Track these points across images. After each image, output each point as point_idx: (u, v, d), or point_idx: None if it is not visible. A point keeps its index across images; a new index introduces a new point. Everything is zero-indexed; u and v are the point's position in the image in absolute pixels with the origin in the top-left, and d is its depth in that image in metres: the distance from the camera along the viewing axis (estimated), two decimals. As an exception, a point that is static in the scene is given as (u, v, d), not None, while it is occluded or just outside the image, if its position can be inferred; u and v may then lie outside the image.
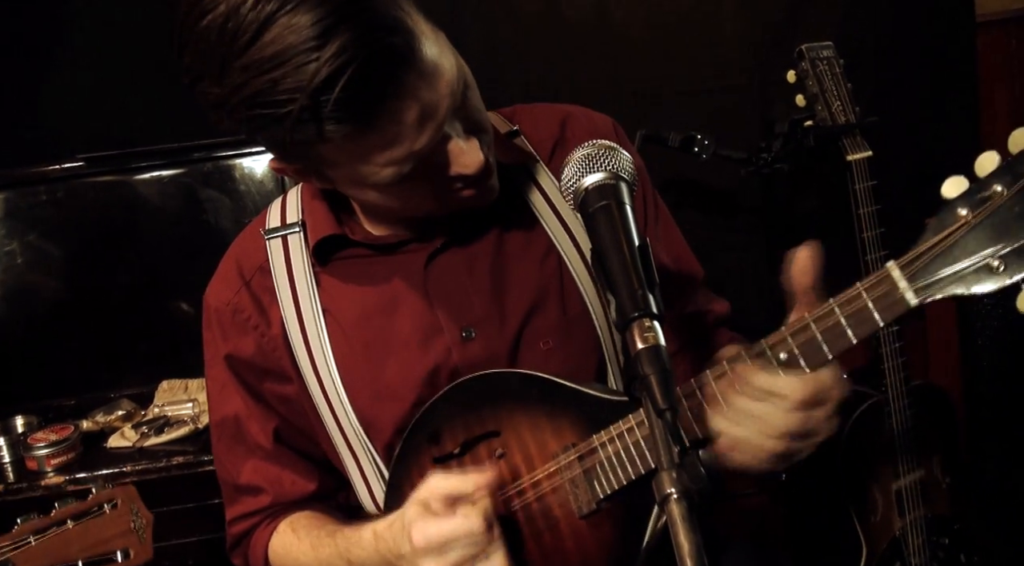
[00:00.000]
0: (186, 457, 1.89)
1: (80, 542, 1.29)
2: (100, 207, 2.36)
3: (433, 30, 1.07)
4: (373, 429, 1.30)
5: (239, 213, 2.27)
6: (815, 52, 1.90)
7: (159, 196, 2.33)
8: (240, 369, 1.32)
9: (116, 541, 1.31)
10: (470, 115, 1.15)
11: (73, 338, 2.34)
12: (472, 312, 1.28)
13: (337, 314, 1.29)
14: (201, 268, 2.23)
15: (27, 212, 2.36)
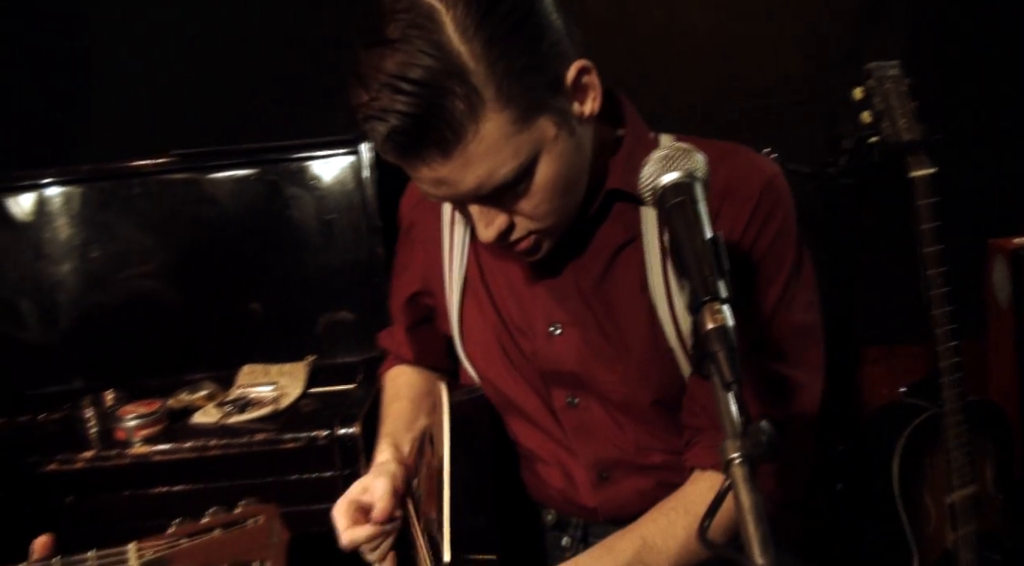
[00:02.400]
0: (267, 434, 2.01)
1: (227, 550, 1.40)
2: (189, 201, 2.49)
3: (513, 129, 1.13)
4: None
5: (321, 210, 2.39)
6: (882, 71, 1.96)
7: (244, 192, 2.45)
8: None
9: (256, 553, 1.42)
10: (515, 208, 1.23)
11: (159, 322, 2.48)
12: (567, 312, 1.39)
13: (483, 261, 1.46)
14: (282, 261, 2.38)
15: (121, 203, 2.50)
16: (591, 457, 1.45)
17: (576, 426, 1.44)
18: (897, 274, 2.32)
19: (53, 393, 2.38)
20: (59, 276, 2.48)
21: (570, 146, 1.21)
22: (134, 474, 2.01)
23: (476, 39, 1.09)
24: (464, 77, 1.08)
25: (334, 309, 2.37)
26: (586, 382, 1.40)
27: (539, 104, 1.15)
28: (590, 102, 1.22)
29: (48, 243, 2.48)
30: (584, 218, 1.33)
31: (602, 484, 1.45)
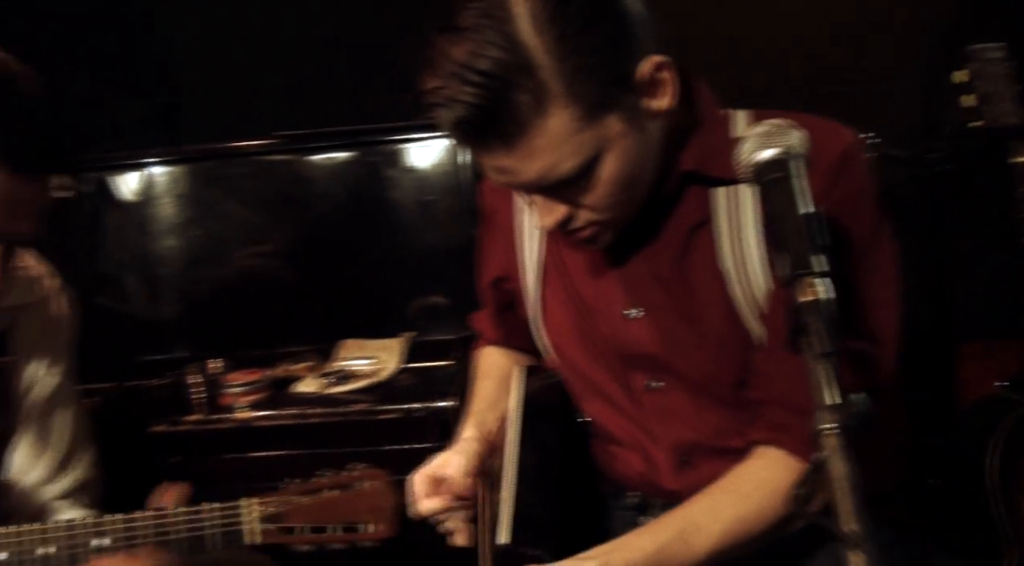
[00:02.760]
0: (365, 405, 2.08)
1: (339, 510, 1.49)
2: (290, 181, 2.58)
3: (579, 126, 1.14)
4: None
5: (419, 192, 2.46)
6: (985, 53, 1.93)
7: (345, 173, 2.53)
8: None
9: (365, 515, 1.50)
10: (576, 200, 1.24)
11: (261, 297, 2.58)
12: (644, 295, 1.39)
13: (560, 245, 1.46)
14: (381, 241, 2.44)
15: (225, 183, 2.61)
16: (672, 441, 1.45)
17: (656, 409, 1.44)
18: (997, 265, 2.28)
19: (158, 361, 2.50)
20: (164, 252, 2.59)
21: (636, 142, 1.20)
22: (237, 438, 2.10)
23: (548, 33, 1.09)
24: (532, 71, 1.09)
25: (431, 288, 2.44)
26: (665, 365, 1.40)
27: (608, 101, 1.14)
28: (664, 98, 1.21)
29: (154, 220, 2.59)
30: (656, 201, 1.33)
31: (683, 469, 1.45)
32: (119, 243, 2.63)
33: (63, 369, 1.68)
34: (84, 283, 2.48)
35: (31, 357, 1.64)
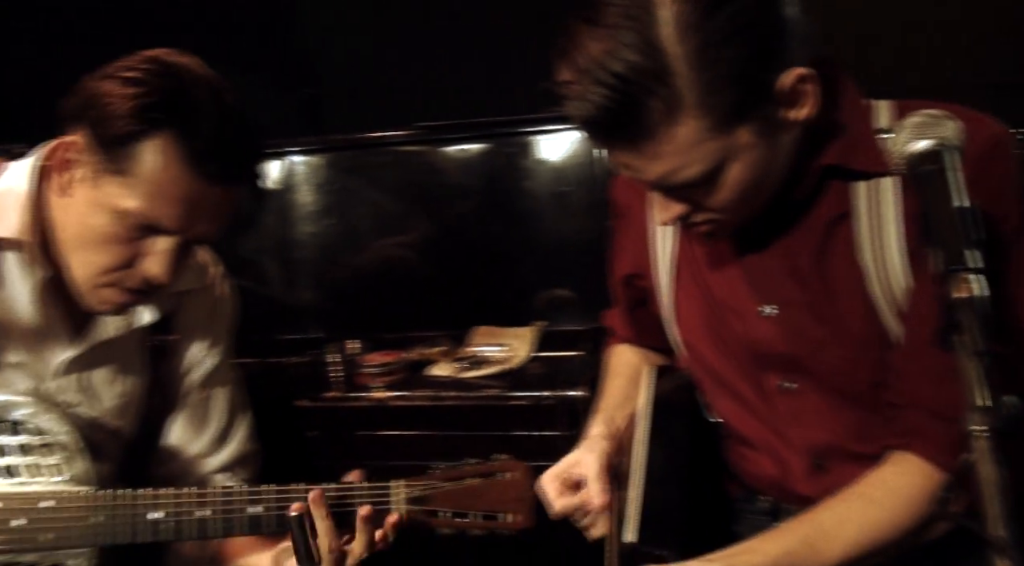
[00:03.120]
0: (497, 390, 2.12)
1: (481, 498, 1.53)
2: (429, 171, 2.64)
3: (708, 136, 1.12)
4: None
5: (554, 183, 2.48)
6: None
7: (482, 163, 2.58)
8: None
9: (506, 505, 1.54)
10: (696, 201, 1.23)
11: (397, 282, 2.66)
12: (779, 292, 1.36)
13: (693, 242, 1.45)
14: (516, 231, 2.48)
15: (366, 171, 2.69)
16: (805, 444, 1.41)
17: (790, 411, 1.41)
18: None
19: (296, 340, 2.61)
20: (303, 237, 2.69)
21: (766, 152, 1.18)
22: (372, 416, 2.17)
23: (690, 42, 1.07)
24: (667, 79, 1.07)
25: (564, 278, 2.45)
26: (801, 365, 1.37)
27: (741, 113, 1.12)
28: (803, 109, 1.17)
29: (295, 208, 2.69)
30: (793, 196, 1.30)
31: (817, 473, 1.41)
32: (262, 229, 2.73)
33: (223, 350, 1.77)
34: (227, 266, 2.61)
35: (194, 338, 1.73)
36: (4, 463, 1.50)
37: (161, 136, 1.36)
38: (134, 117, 1.35)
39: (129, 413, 1.67)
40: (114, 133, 1.37)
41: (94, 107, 1.38)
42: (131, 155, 1.37)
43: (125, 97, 1.36)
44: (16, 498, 1.48)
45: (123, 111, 1.35)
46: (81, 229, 1.45)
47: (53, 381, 1.59)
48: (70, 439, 1.49)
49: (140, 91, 1.36)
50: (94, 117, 1.38)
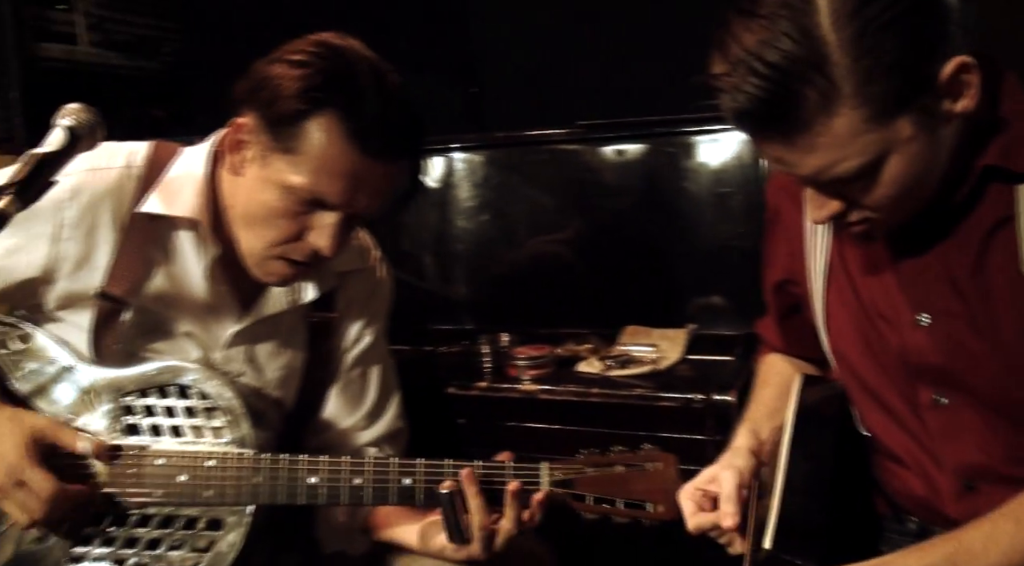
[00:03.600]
0: (645, 391, 2.11)
1: (626, 486, 1.55)
2: (588, 169, 2.64)
3: (866, 127, 1.10)
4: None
5: (714, 185, 2.45)
6: None
7: (642, 162, 2.56)
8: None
9: (650, 495, 1.55)
10: (853, 197, 1.21)
11: (551, 278, 2.68)
12: (934, 301, 1.32)
13: (846, 247, 1.43)
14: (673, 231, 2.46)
15: (525, 168, 2.71)
16: (957, 463, 1.36)
17: (942, 428, 1.36)
18: None
19: (450, 330, 2.68)
20: (461, 232, 2.75)
21: (927, 146, 1.15)
22: (519, 407, 2.19)
23: (847, 29, 1.05)
24: (824, 69, 1.06)
25: (719, 282, 2.42)
26: (956, 379, 1.32)
27: (901, 103, 1.10)
28: (964, 100, 1.14)
29: (454, 202, 2.75)
30: (951, 198, 1.25)
31: (967, 494, 1.36)
32: (422, 223, 2.81)
33: (379, 330, 1.85)
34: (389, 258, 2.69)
35: (353, 317, 1.82)
36: (171, 423, 1.61)
37: (326, 114, 1.45)
38: (300, 97, 1.44)
39: (290, 385, 1.76)
40: (282, 113, 1.46)
41: (264, 89, 1.48)
42: (298, 133, 1.46)
43: (292, 78, 1.45)
44: (182, 456, 1.58)
45: (290, 92, 1.45)
46: (252, 206, 1.55)
47: (221, 352, 1.69)
48: (234, 404, 1.58)
49: (306, 72, 1.45)
50: (263, 99, 1.48)
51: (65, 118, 1.41)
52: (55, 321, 1.65)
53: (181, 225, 1.61)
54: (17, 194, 1.31)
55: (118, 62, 3.13)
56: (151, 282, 1.62)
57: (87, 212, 1.57)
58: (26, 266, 1.58)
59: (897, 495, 1.48)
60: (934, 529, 1.42)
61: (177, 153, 1.66)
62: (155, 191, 1.60)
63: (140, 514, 1.60)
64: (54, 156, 1.39)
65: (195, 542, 1.59)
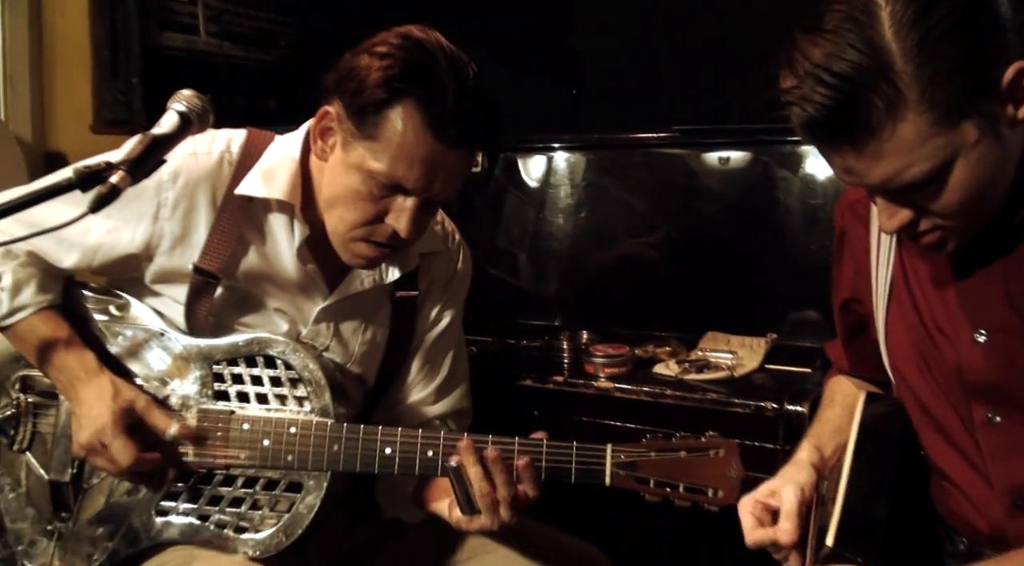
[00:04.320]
0: (719, 395, 2.13)
1: (687, 471, 1.59)
2: (683, 174, 2.68)
3: (932, 132, 1.12)
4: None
5: (807, 195, 2.46)
6: None
7: (736, 170, 2.59)
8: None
9: (712, 481, 1.59)
10: (922, 205, 1.22)
11: (638, 280, 2.72)
12: (991, 317, 1.33)
13: (908, 266, 1.45)
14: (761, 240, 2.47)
15: (620, 170, 2.76)
16: (1007, 482, 1.36)
17: (994, 447, 1.37)
18: None
19: (534, 325, 2.75)
20: (555, 231, 2.80)
21: (993, 151, 1.17)
22: (593, 404, 2.23)
23: (910, 38, 1.09)
24: (889, 76, 1.09)
25: (803, 293, 2.42)
26: (1010, 396, 1.33)
27: (964, 108, 1.12)
28: None
29: (550, 202, 2.81)
30: (1015, 214, 1.26)
31: (1017, 514, 1.36)
32: (518, 220, 2.87)
33: (455, 312, 1.94)
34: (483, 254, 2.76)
35: (433, 297, 1.90)
36: (258, 391, 1.71)
37: (405, 103, 1.52)
38: (382, 87, 1.52)
39: (372, 360, 1.85)
40: (364, 102, 1.54)
41: (349, 80, 1.56)
42: (379, 121, 1.54)
43: (375, 69, 1.53)
44: (266, 422, 1.68)
45: (373, 82, 1.53)
46: (336, 189, 1.64)
47: (308, 327, 1.79)
48: (317, 376, 1.68)
49: (387, 63, 1.53)
50: (349, 89, 1.56)
51: (178, 103, 1.52)
52: (152, 294, 1.76)
53: (274, 207, 1.71)
54: (129, 171, 1.42)
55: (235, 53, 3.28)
56: (244, 260, 1.73)
57: (186, 194, 1.68)
58: (128, 243, 1.70)
59: (950, 515, 1.49)
60: (982, 550, 1.43)
61: (272, 140, 1.76)
62: (251, 175, 1.69)
63: (225, 474, 1.71)
64: (165, 138, 1.50)
65: (275, 503, 1.70)
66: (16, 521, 1.77)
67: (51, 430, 1.78)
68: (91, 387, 1.66)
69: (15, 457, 1.80)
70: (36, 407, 1.80)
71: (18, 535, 1.77)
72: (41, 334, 1.71)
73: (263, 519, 1.69)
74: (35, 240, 1.66)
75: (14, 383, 1.81)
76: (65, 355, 1.69)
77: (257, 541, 1.67)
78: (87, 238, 1.69)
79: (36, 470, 1.78)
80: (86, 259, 1.72)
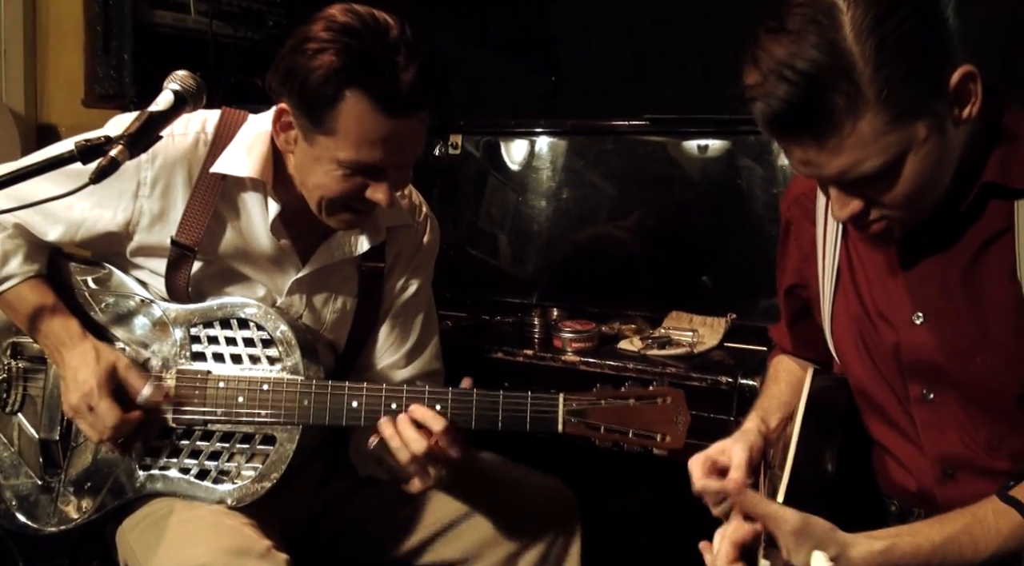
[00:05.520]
0: (678, 369, 2.26)
1: (636, 418, 1.71)
2: (654, 161, 2.78)
3: (887, 129, 1.21)
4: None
5: (769, 184, 2.57)
6: None
7: (704, 158, 2.69)
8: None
9: (660, 427, 1.71)
10: (872, 197, 1.31)
11: (608, 261, 2.84)
12: (928, 301, 1.44)
13: (853, 255, 1.55)
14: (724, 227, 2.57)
15: (593, 156, 2.86)
16: (939, 453, 1.48)
17: (927, 421, 1.48)
18: None
19: (508, 302, 2.86)
20: (532, 213, 2.91)
21: (939, 148, 1.26)
22: (561, 376, 2.36)
23: (869, 41, 1.18)
24: (850, 76, 1.18)
25: (763, 277, 2.48)
26: (946, 374, 1.43)
27: (917, 108, 1.22)
28: (969, 107, 1.26)
29: (528, 184, 2.91)
30: (954, 210, 1.37)
31: (946, 481, 1.48)
32: (497, 203, 2.97)
33: (422, 280, 2.06)
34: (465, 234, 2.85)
35: (400, 268, 2.02)
36: (232, 352, 1.83)
37: (351, 95, 1.60)
38: (324, 85, 1.59)
39: (342, 327, 1.97)
40: (311, 101, 1.62)
41: (291, 81, 1.64)
42: (332, 116, 1.62)
43: (312, 69, 1.59)
44: (240, 380, 1.80)
45: (314, 82, 1.59)
46: (311, 177, 1.73)
47: (283, 298, 1.89)
48: (288, 337, 1.80)
49: (324, 61, 1.58)
50: (293, 89, 1.64)
51: (174, 83, 1.62)
52: (134, 266, 1.88)
53: (248, 185, 1.82)
54: (127, 145, 1.53)
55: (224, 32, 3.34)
56: (220, 235, 1.84)
57: (163, 173, 1.79)
58: (109, 220, 1.81)
59: (884, 480, 1.62)
60: (913, 510, 1.56)
61: (245, 119, 1.85)
62: (225, 154, 1.79)
63: (203, 430, 1.84)
64: (161, 115, 1.61)
65: (251, 455, 1.83)
66: (9, 478, 1.90)
67: (40, 393, 1.90)
68: (76, 352, 1.77)
69: (7, 418, 1.93)
70: (26, 372, 1.92)
71: (12, 490, 1.88)
72: (29, 302, 1.82)
73: (240, 470, 1.82)
74: (21, 213, 1.76)
75: (5, 349, 1.94)
76: (51, 322, 1.80)
77: (235, 491, 1.80)
78: (71, 213, 1.80)
79: (27, 430, 1.90)
80: (69, 233, 1.82)
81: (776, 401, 1.72)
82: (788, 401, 1.71)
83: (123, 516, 1.87)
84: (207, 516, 1.77)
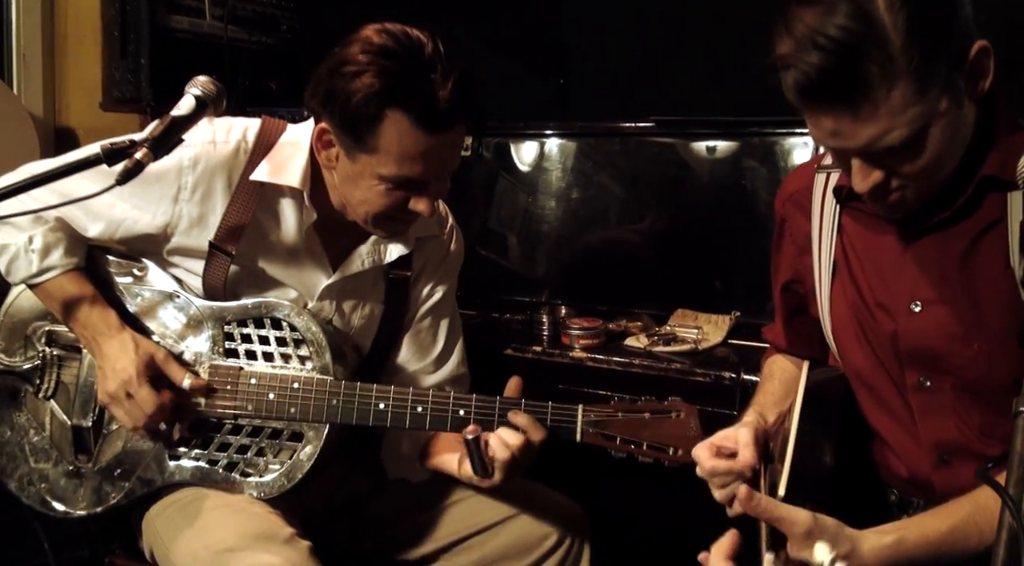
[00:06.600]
0: (682, 365, 2.32)
1: (650, 431, 1.78)
2: (662, 162, 2.83)
3: (915, 99, 1.25)
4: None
5: (774, 185, 2.60)
6: None
7: (712, 160, 2.75)
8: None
9: (673, 440, 1.78)
10: (893, 167, 1.34)
11: (616, 260, 2.90)
12: (925, 289, 1.49)
13: (849, 248, 1.60)
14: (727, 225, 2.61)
15: (601, 157, 2.92)
16: (934, 439, 1.53)
17: (923, 408, 1.53)
18: None
19: (518, 300, 2.93)
20: (542, 213, 2.97)
21: (956, 121, 1.32)
22: (568, 372, 2.44)
23: (901, 12, 1.22)
24: (883, 45, 1.22)
25: (767, 276, 2.54)
26: (943, 361, 1.48)
27: (942, 79, 1.26)
28: (984, 81, 1.31)
29: (538, 185, 2.97)
30: (953, 201, 1.42)
31: (941, 466, 1.53)
32: (508, 203, 3.03)
33: (448, 287, 2.13)
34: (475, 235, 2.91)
35: (426, 277, 2.09)
36: (264, 350, 1.90)
37: (391, 115, 1.66)
38: (364, 108, 1.66)
39: (368, 332, 2.04)
40: (352, 122, 1.69)
41: (331, 103, 1.70)
42: (374, 135, 1.68)
43: (352, 92, 1.66)
44: (272, 377, 1.86)
45: (355, 105, 1.66)
46: (354, 192, 1.80)
47: (313, 303, 1.95)
48: (319, 337, 1.87)
49: (363, 84, 1.64)
50: (334, 111, 1.70)
51: (195, 88, 1.69)
52: (171, 264, 1.95)
53: (285, 192, 1.89)
54: (151, 148, 1.60)
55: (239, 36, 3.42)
56: (257, 239, 1.92)
57: (204, 179, 1.86)
58: (149, 222, 1.88)
59: (882, 469, 1.68)
60: (913, 500, 1.61)
61: (284, 129, 1.93)
62: (264, 162, 1.87)
63: (233, 424, 1.91)
64: (183, 119, 1.68)
65: (278, 451, 1.90)
66: (40, 461, 1.97)
67: (74, 380, 1.98)
68: (114, 342, 1.84)
69: (40, 403, 2.01)
70: (60, 359, 2.00)
71: (41, 474, 1.96)
72: (68, 293, 1.90)
73: (267, 465, 1.89)
74: (64, 209, 1.84)
75: (40, 337, 2.01)
76: (89, 312, 1.88)
77: (261, 484, 1.87)
78: (113, 212, 1.87)
79: (59, 415, 1.97)
80: (109, 230, 1.90)
81: (772, 398, 1.78)
82: (782, 398, 1.77)
83: (150, 503, 1.94)
84: (233, 503, 1.85)
